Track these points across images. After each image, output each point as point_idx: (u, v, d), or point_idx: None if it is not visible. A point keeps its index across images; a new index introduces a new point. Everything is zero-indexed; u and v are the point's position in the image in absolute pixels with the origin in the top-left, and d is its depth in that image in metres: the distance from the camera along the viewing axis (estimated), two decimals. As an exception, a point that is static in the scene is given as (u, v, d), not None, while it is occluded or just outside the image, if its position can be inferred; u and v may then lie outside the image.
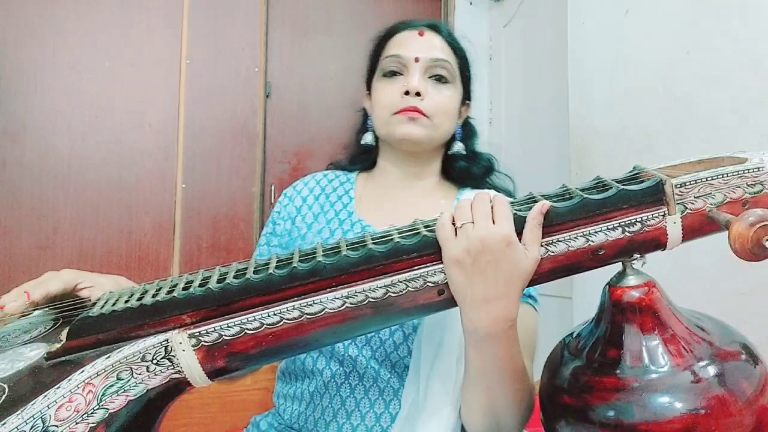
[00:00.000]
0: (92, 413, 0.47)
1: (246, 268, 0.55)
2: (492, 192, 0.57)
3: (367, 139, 0.88)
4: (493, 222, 0.52)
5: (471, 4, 2.59)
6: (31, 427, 0.45)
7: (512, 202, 0.56)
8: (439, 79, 0.82)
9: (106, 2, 2.04)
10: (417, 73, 0.81)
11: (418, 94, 0.79)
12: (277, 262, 0.55)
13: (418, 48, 0.82)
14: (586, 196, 0.52)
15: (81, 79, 2.00)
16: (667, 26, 1.32)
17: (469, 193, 0.87)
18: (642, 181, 0.53)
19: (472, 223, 0.52)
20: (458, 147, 0.87)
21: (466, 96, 0.89)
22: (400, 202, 0.85)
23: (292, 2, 2.35)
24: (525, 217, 0.52)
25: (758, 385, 0.50)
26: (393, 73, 0.83)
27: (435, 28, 0.85)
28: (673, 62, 1.29)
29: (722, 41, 1.17)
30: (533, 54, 2.25)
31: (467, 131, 0.90)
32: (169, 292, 0.53)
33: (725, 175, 0.52)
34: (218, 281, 0.53)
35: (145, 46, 2.08)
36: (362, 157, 0.92)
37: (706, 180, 0.52)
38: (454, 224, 0.53)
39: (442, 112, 0.82)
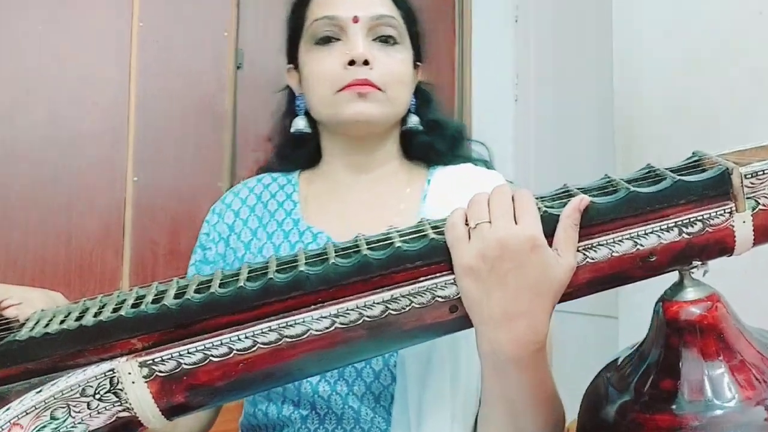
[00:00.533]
0: (20, 461, 0.47)
1: (210, 281, 0.55)
2: (514, 187, 0.57)
3: (299, 125, 0.87)
4: (515, 221, 0.52)
5: (492, -48, 2.59)
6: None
7: (541, 197, 0.56)
8: (386, 40, 0.82)
9: (39, -49, 2.04)
10: (359, 35, 0.80)
11: (366, 62, 0.78)
12: (249, 272, 0.55)
13: (354, 4, 0.81)
14: (633, 189, 0.52)
15: (8, 46, 1.99)
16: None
17: (441, 173, 0.87)
18: (704, 170, 0.53)
19: (489, 222, 0.52)
20: (413, 121, 0.87)
21: (417, 57, 0.89)
22: (356, 198, 0.85)
23: (269, -49, 2.35)
24: (556, 215, 0.52)
25: None
26: (327, 40, 0.81)
27: None
28: (743, 25, 1.29)
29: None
30: (569, 14, 2.24)
31: (422, 99, 0.90)
32: (115, 311, 0.53)
33: (807, 163, 0.52)
34: (176, 296, 0.53)
35: (88, 6, 2.07)
36: (297, 151, 0.91)
37: (784, 169, 0.51)
38: (467, 224, 0.53)
39: (396, 80, 0.81)
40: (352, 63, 0.78)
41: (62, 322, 0.54)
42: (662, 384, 0.53)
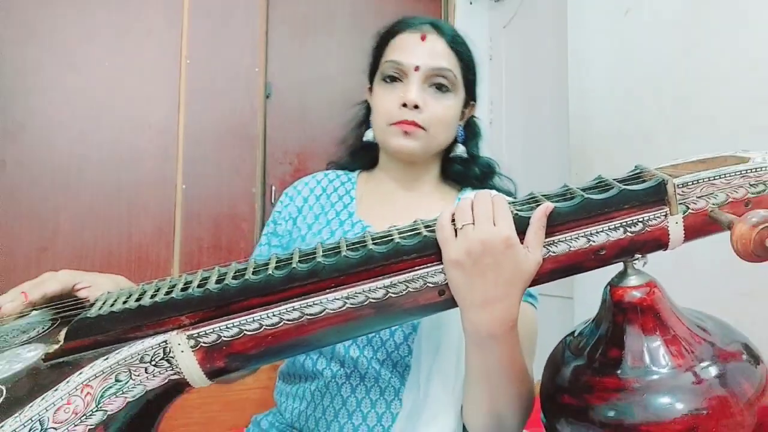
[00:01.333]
0: (91, 415, 0.47)
1: (245, 269, 0.55)
2: (493, 192, 0.57)
3: (369, 135, 0.87)
4: (494, 223, 0.52)
5: (471, 3, 2.59)
6: (30, 430, 0.45)
7: (513, 202, 0.55)
8: (440, 87, 0.80)
9: (106, 1, 2.04)
10: (416, 82, 0.79)
11: (416, 106, 0.78)
12: (276, 262, 0.54)
13: (419, 54, 0.80)
14: (587, 195, 0.52)
15: (80, 79, 1.99)
16: (666, 26, 1.32)
17: (470, 194, 0.86)
18: (644, 181, 0.53)
19: (473, 224, 0.52)
20: (460, 150, 0.86)
21: (470, 97, 0.87)
22: (399, 205, 0.85)
23: (292, 1, 2.34)
24: (526, 218, 0.52)
25: (759, 386, 0.50)
26: (392, 79, 0.81)
27: (438, 29, 0.83)
28: (673, 62, 1.29)
29: (721, 41, 1.16)
30: (533, 54, 2.24)
31: (470, 132, 0.89)
32: (167, 293, 0.53)
33: (728, 175, 0.52)
34: (217, 282, 0.53)
35: (145, 46, 2.07)
36: (363, 153, 0.91)
37: (709, 180, 0.51)
38: (454, 225, 0.53)
39: (439, 122, 0.80)
40: (405, 105, 0.78)
41: (125, 302, 0.54)
42: (610, 353, 0.53)
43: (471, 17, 2.56)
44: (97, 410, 0.47)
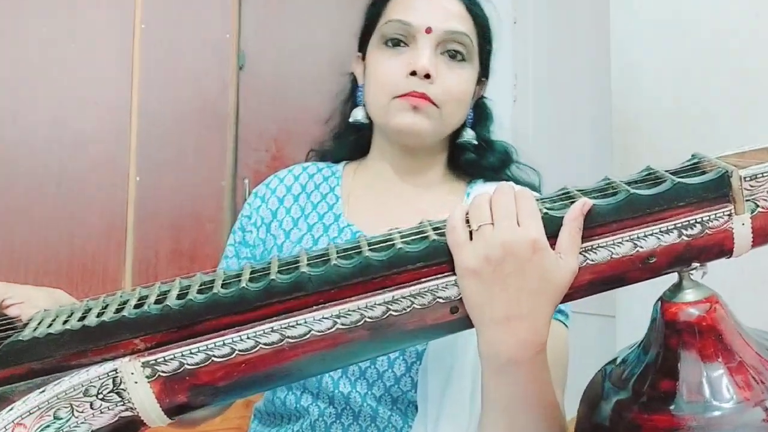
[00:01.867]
0: (23, 460, 0.47)
1: (213, 281, 0.55)
2: (516, 185, 0.57)
3: (358, 115, 0.86)
4: (518, 224, 0.51)
5: (491, -46, 2.59)
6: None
7: (541, 199, 0.56)
8: (454, 56, 0.80)
9: (42, -48, 2.04)
10: (428, 47, 0.78)
11: (427, 76, 0.77)
12: (251, 273, 0.54)
13: (430, 14, 0.79)
14: (633, 191, 0.52)
15: (11, 48, 1.99)
16: (732, -18, 1.32)
17: (480, 188, 0.86)
18: (703, 173, 0.53)
19: (492, 224, 0.52)
20: (469, 135, 0.87)
21: (483, 73, 0.88)
22: (397, 201, 0.85)
23: (270, -46, 2.35)
24: (558, 218, 0.52)
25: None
26: (396, 43, 0.80)
27: None
28: (741, 27, 1.29)
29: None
30: (567, 16, 2.24)
31: (479, 114, 0.90)
32: (117, 311, 0.53)
33: (806, 166, 0.52)
34: (178, 297, 0.53)
35: (90, 8, 2.07)
36: (351, 139, 0.91)
37: (782, 171, 0.51)
38: (468, 226, 0.53)
39: (454, 99, 0.80)
40: (413, 73, 0.77)
41: (65, 322, 0.54)
42: (661, 384, 0.53)
43: (491, -29, 2.57)
44: (31, 454, 0.47)
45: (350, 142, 0.91)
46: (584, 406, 0.60)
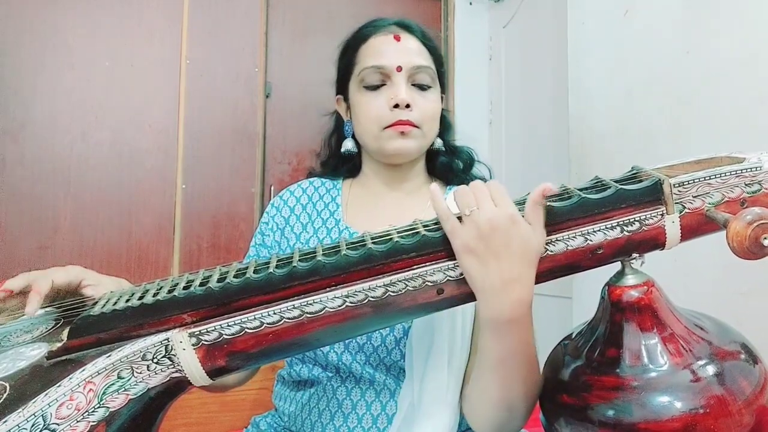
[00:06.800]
0: (93, 412, 0.47)
1: (246, 268, 0.55)
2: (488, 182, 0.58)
3: (348, 146, 0.87)
4: (495, 204, 0.52)
5: (471, 4, 2.59)
6: (32, 425, 0.46)
7: (515, 202, 0.56)
8: (422, 87, 0.81)
9: (106, 1, 2.04)
10: (402, 83, 0.79)
11: (407, 106, 0.78)
12: (278, 261, 0.55)
13: (397, 55, 0.80)
14: (584, 195, 0.52)
15: (81, 78, 2.00)
16: (666, 26, 1.32)
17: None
18: (640, 181, 0.54)
19: (477, 208, 0.52)
20: (438, 143, 0.87)
21: (442, 90, 0.88)
22: (387, 207, 0.85)
23: (292, 2, 2.35)
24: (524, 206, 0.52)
25: (757, 385, 0.50)
26: (375, 87, 0.80)
27: (408, 28, 0.83)
28: (673, 62, 1.29)
29: (721, 41, 1.17)
30: (533, 54, 2.25)
31: (443, 125, 0.90)
32: (170, 292, 0.54)
33: (723, 175, 0.52)
34: (218, 280, 0.53)
35: (145, 46, 2.08)
36: (342, 165, 0.91)
37: (704, 179, 0.52)
38: (455, 215, 0.53)
39: (430, 118, 0.81)
40: (396, 106, 0.78)
41: (127, 300, 0.54)
42: (608, 352, 0.53)
43: (471, 17, 2.57)
44: (99, 407, 0.48)
45: (342, 166, 0.91)
46: (546, 371, 0.60)
